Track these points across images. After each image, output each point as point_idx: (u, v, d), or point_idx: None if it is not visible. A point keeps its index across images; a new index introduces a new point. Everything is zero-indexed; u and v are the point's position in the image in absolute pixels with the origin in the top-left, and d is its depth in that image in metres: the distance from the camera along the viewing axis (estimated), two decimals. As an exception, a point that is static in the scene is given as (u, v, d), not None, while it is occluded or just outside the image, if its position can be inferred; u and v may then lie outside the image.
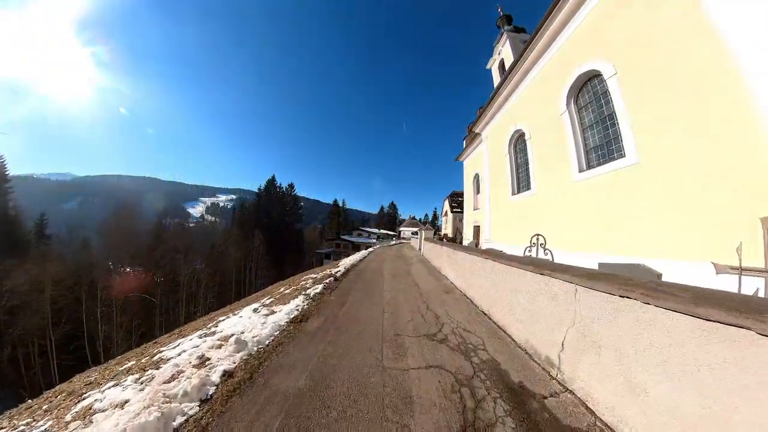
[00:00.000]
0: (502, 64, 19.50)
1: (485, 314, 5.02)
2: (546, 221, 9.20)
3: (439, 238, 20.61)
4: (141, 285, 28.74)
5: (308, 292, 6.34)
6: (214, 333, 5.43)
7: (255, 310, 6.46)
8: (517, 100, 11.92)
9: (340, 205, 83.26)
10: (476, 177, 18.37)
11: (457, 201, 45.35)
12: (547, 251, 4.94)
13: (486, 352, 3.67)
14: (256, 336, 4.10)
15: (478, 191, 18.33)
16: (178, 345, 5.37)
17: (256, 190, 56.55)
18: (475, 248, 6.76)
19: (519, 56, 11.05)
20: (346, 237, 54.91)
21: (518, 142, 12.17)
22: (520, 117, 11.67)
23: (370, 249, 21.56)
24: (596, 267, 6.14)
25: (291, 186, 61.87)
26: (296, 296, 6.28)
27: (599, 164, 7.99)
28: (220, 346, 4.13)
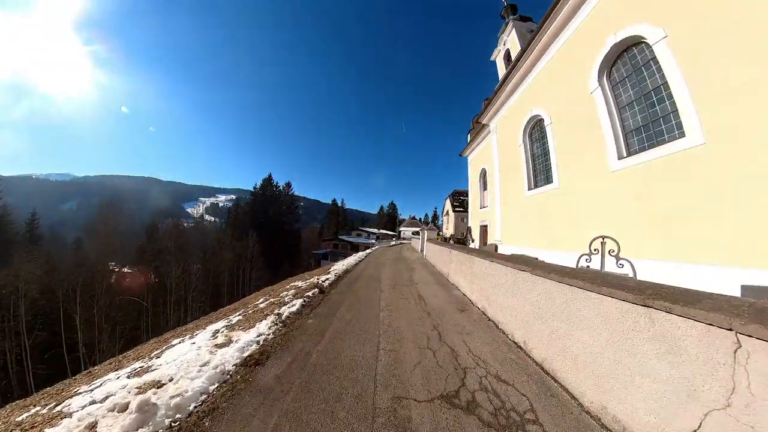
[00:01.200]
0: (507, 55, 18.47)
1: (521, 348, 3.58)
2: (574, 219, 7.76)
3: (444, 239, 19.08)
4: (128, 287, 27.32)
5: (282, 311, 4.90)
6: (147, 370, 4.03)
7: (214, 334, 5.05)
8: (534, 82, 10.47)
9: (339, 205, 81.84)
10: (483, 172, 16.92)
11: (459, 200, 43.91)
12: (621, 263, 3.44)
13: (541, 429, 2.23)
14: (178, 394, 2.66)
15: (485, 188, 16.88)
16: (98, 387, 3.98)
17: (251, 189, 54.98)
18: (496, 254, 5.32)
19: (536, 33, 9.60)
20: (344, 237, 53.32)
21: (534, 130, 10.72)
22: (537, 101, 10.22)
23: (368, 250, 20.11)
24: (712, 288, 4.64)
25: (288, 185, 60.26)
26: (266, 316, 4.84)
27: (643, 149, 6.58)
28: (125, 407, 2.70)
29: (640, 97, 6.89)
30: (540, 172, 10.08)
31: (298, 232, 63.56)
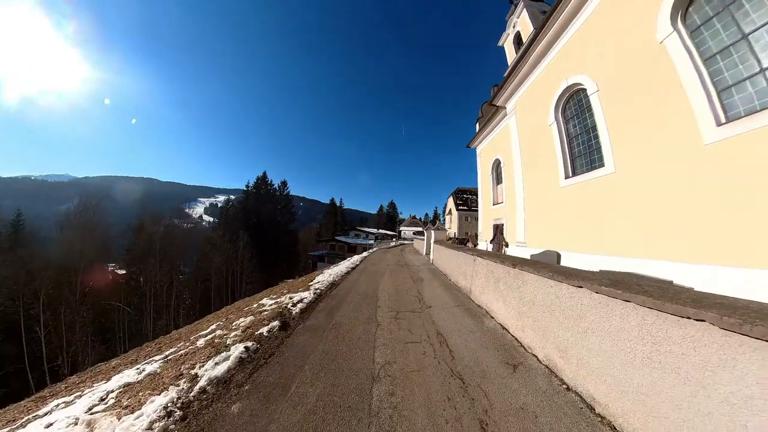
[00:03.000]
0: (517, 38, 16.81)
1: None
2: (650, 214, 5.63)
3: (459, 241, 16.73)
4: (106, 293, 25.26)
5: (202, 371, 2.81)
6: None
7: (92, 407, 2.96)
8: (568, 45, 8.38)
9: (338, 204, 79.67)
10: (496, 164, 14.82)
11: (462, 198, 41.86)
12: None
13: None
14: None
15: (498, 181, 14.77)
16: None
17: (243, 188, 52.31)
18: (571, 270, 3.18)
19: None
20: (340, 238, 50.87)
21: (569, 105, 8.63)
22: (574, 67, 8.13)
23: (365, 253, 17.98)
24: None
25: (284, 183, 57.73)
26: (176, 381, 2.77)
27: (753, 110, 4.55)
28: None
29: (740, 40, 4.85)
30: (581, 155, 7.98)
31: (296, 232, 61.29)
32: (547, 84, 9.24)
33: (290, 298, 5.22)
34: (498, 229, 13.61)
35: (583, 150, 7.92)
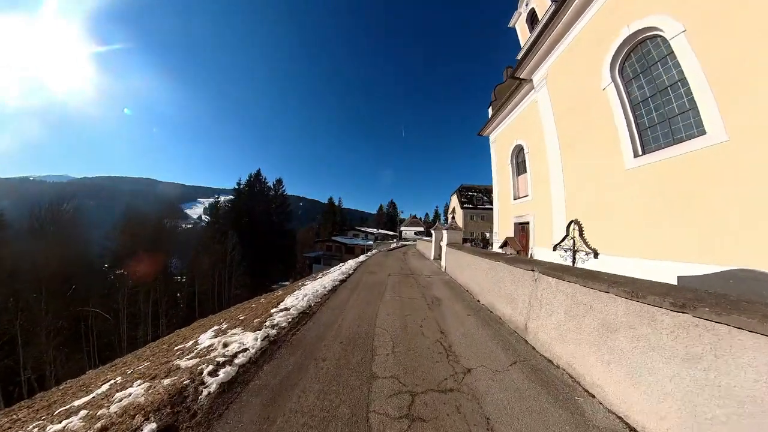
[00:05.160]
0: (531, 16, 14.85)
1: None
2: None
3: (488, 246, 14.12)
4: (90, 299, 23.10)
5: None
6: None
7: None
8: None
9: (336, 203, 77.31)
10: (516, 150, 12.60)
11: (467, 195, 39.59)
12: None
13: None
14: None
15: (519, 171, 12.57)
16: None
17: (235, 186, 49.65)
18: None
19: None
20: (338, 238, 48.38)
21: (630, 61, 6.44)
22: (641, 8, 5.94)
23: (361, 258, 15.77)
24: None
25: (279, 182, 55.15)
26: None
27: None
28: None
29: None
30: (653, 125, 5.79)
31: (292, 232, 58.95)
32: (597, 37, 7.06)
33: (224, 346, 3.05)
34: (519, 229, 11.38)
35: (657, 118, 5.73)
